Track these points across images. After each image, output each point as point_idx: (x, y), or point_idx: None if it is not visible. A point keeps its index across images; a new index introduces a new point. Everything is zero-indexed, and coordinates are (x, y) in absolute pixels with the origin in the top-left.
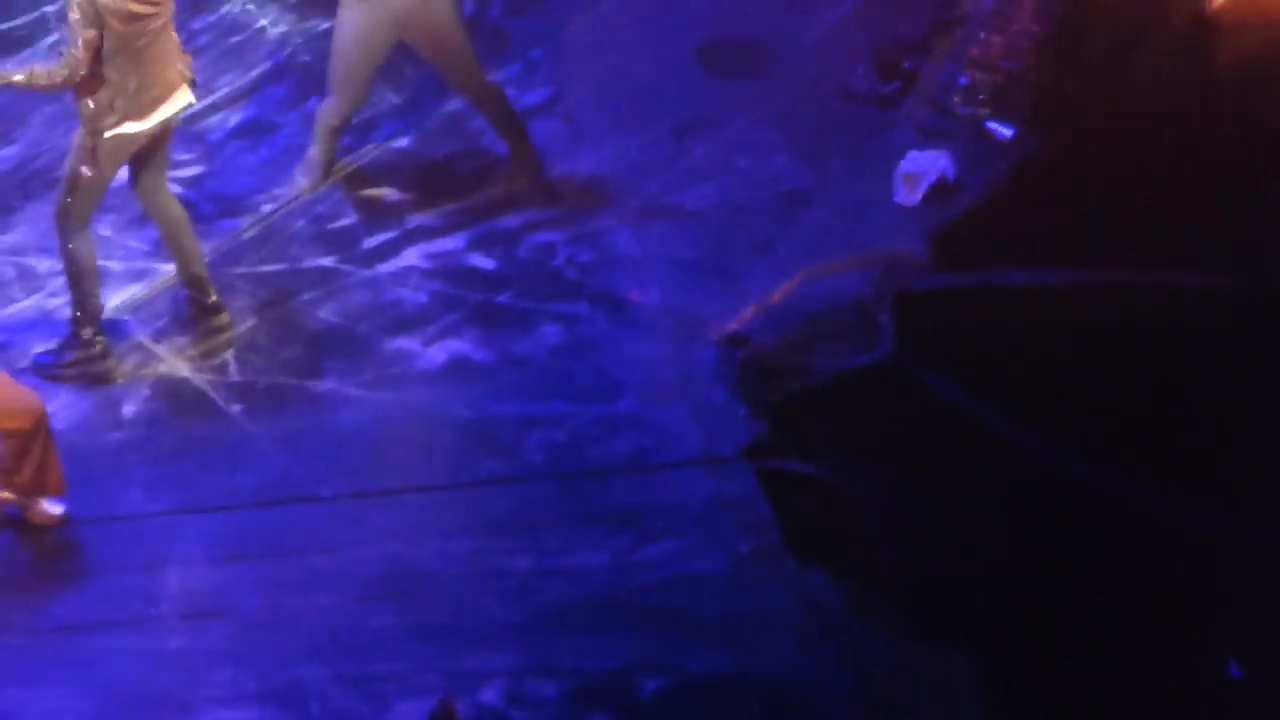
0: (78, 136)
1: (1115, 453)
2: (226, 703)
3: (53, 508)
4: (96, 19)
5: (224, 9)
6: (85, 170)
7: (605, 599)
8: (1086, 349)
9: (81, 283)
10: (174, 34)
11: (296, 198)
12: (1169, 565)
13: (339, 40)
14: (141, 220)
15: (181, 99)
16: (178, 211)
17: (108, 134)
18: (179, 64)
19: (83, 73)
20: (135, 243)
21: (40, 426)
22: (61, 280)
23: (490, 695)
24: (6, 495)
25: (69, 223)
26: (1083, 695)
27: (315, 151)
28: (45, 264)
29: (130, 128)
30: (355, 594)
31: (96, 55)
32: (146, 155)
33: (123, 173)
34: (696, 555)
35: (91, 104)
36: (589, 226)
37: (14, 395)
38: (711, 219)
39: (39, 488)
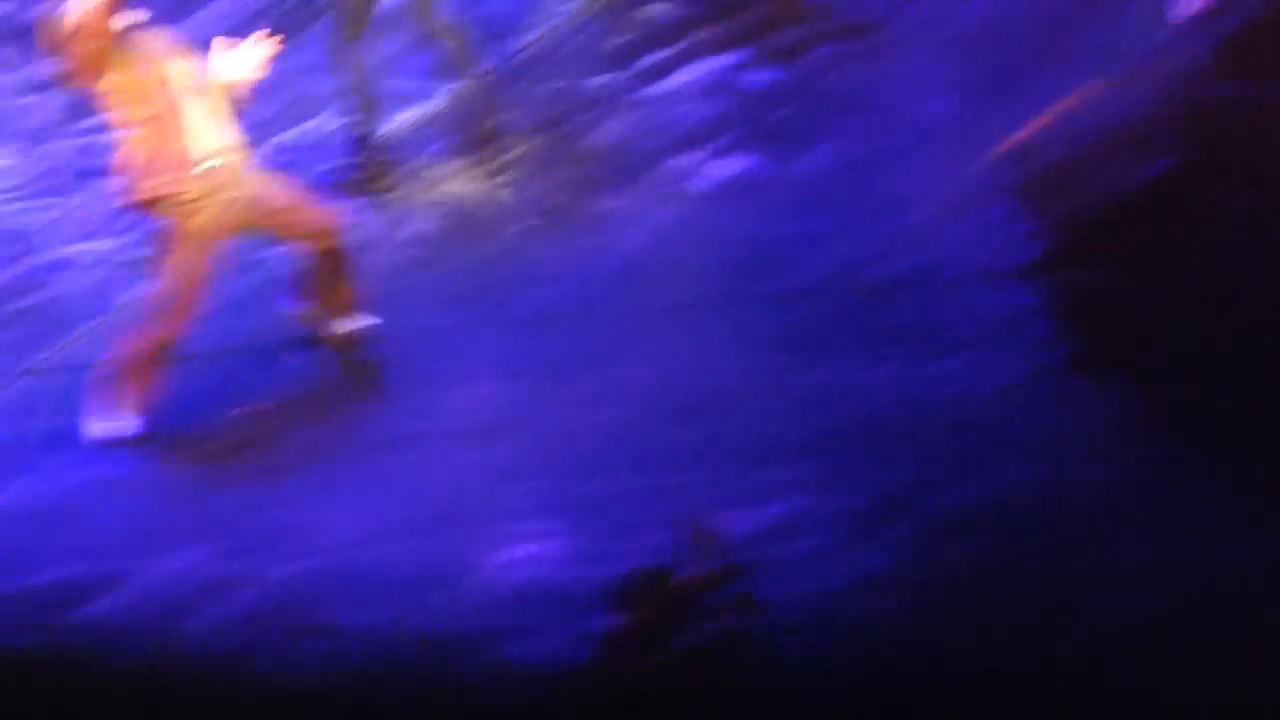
0: None
1: None
2: (522, 515)
3: (350, 325)
4: None
5: None
6: None
7: (892, 415)
8: None
9: (359, 105)
10: None
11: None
12: None
13: None
14: (424, 40)
15: None
16: (457, 35)
17: None
18: None
19: None
20: (417, 62)
21: (339, 245)
22: (343, 101)
23: (779, 509)
24: (309, 313)
25: (343, 43)
26: None
27: None
28: (326, 85)
29: None
30: (641, 410)
31: None
32: None
33: None
34: (983, 370)
35: None
36: (870, 41)
37: (316, 215)
38: (995, 32)
39: (337, 305)
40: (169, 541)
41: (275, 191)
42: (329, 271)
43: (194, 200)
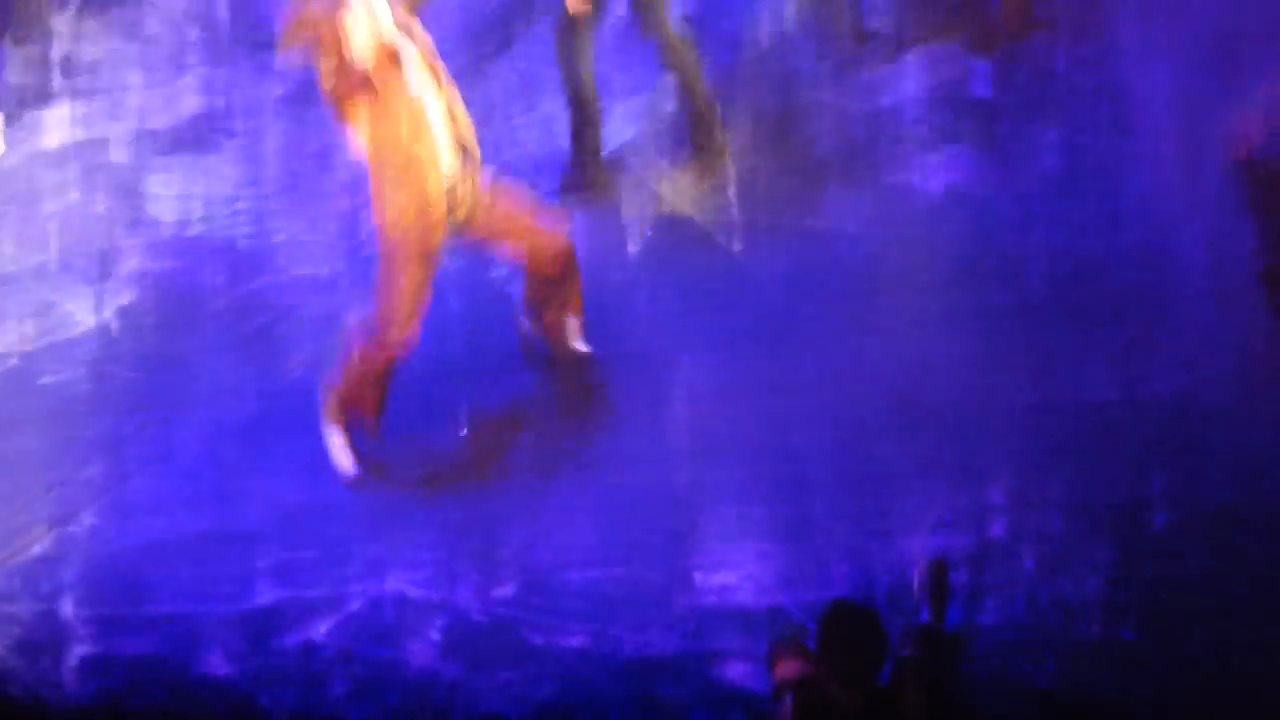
0: None
1: None
2: (732, 537)
3: (578, 344)
4: None
5: None
6: (573, 2)
7: (1113, 430)
8: None
9: (582, 111)
10: None
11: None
12: None
13: None
14: (648, 50)
15: None
16: (680, 45)
17: None
18: None
19: None
20: (642, 72)
21: (571, 265)
22: (566, 112)
23: (995, 528)
24: (537, 329)
25: (566, 50)
26: None
27: None
28: (553, 81)
29: None
30: (859, 427)
31: None
32: None
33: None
34: (1207, 388)
35: None
36: (1091, 48)
37: (549, 233)
38: (1226, 41)
39: (566, 322)
40: (387, 563)
41: (510, 209)
42: (560, 289)
43: (435, 220)
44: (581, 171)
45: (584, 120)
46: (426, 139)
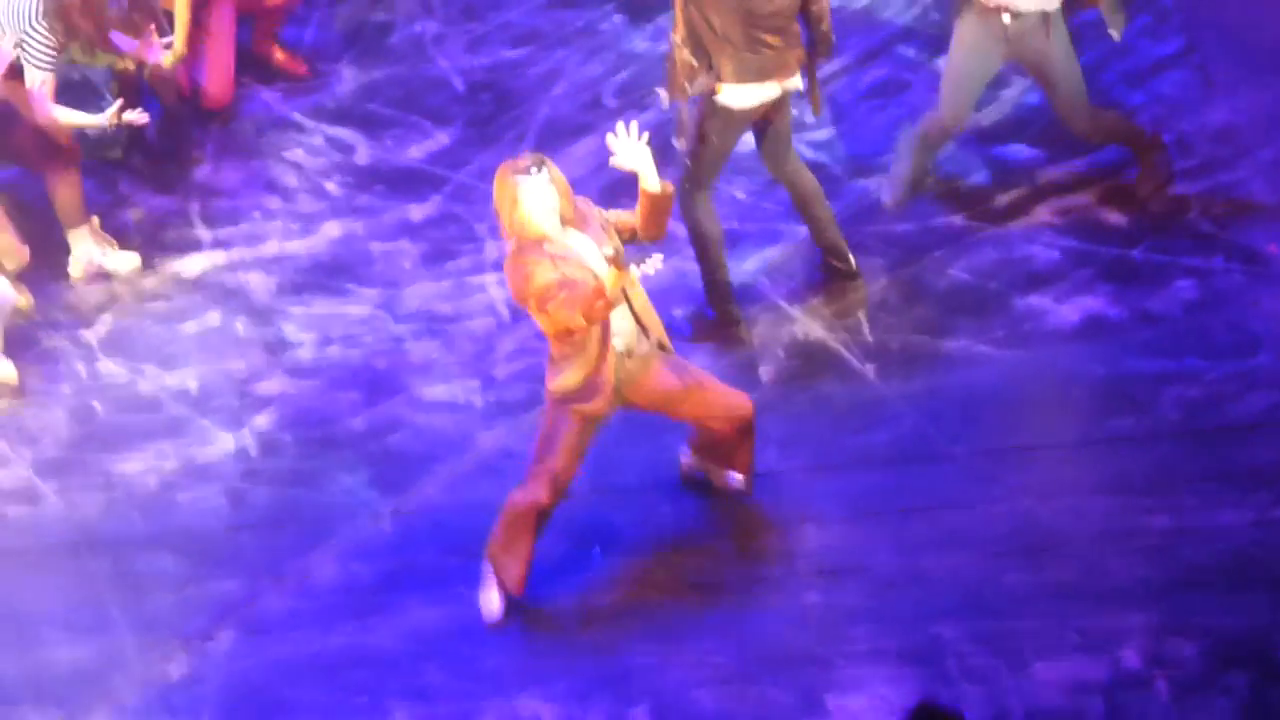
0: (685, 110)
1: None
2: (863, 659)
3: (734, 479)
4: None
5: None
6: (699, 144)
7: (1245, 557)
8: None
9: (708, 252)
10: (792, 22)
11: (892, 203)
12: None
13: (953, 51)
14: (774, 183)
15: (789, 83)
16: (808, 180)
17: (716, 104)
18: (791, 51)
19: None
20: (769, 205)
21: (748, 429)
22: (694, 246)
23: (1129, 655)
24: (698, 464)
25: (691, 193)
26: None
27: (902, 167)
28: (680, 229)
29: (733, 102)
30: (989, 551)
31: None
32: (765, 126)
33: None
34: None
35: (688, 71)
36: (1222, 178)
37: (723, 398)
38: None
39: (729, 464)
40: (519, 684)
41: (679, 379)
42: (732, 447)
43: (605, 395)
44: (715, 319)
45: (709, 266)
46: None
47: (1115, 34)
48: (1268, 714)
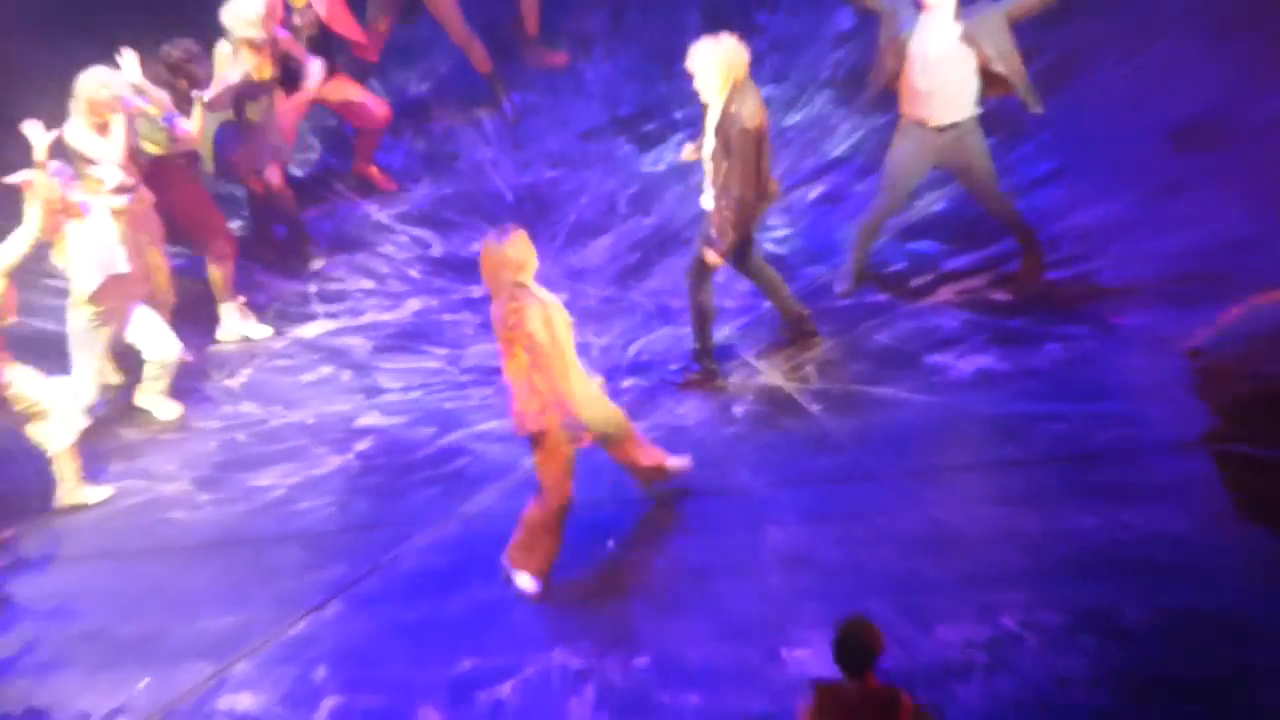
0: (706, 235)
1: None
2: (810, 625)
3: (661, 487)
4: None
5: (806, 112)
6: (711, 257)
7: (1097, 551)
8: None
9: (703, 325)
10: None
11: (843, 292)
12: None
13: (889, 158)
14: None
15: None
16: (770, 274)
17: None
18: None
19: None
20: (743, 286)
21: (667, 477)
22: (686, 316)
23: (1007, 621)
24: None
25: (697, 284)
26: None
27: (852, 259)
28: (677, 303)
29: (742, 234)
30: (908, 548)
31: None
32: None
33: None
34: (1170, 518)
35: (723, 220)
36: (1082, 268)
37: (652, 457)
38: (1176, 260)
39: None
40: (554, 642)
41: (628, 433)
42: (648, 478)
43: (569, 436)
44: (700, 371)
45: (702, 333)
46: (575, 381)
47: (1036, 109)
48: (1109, 665)
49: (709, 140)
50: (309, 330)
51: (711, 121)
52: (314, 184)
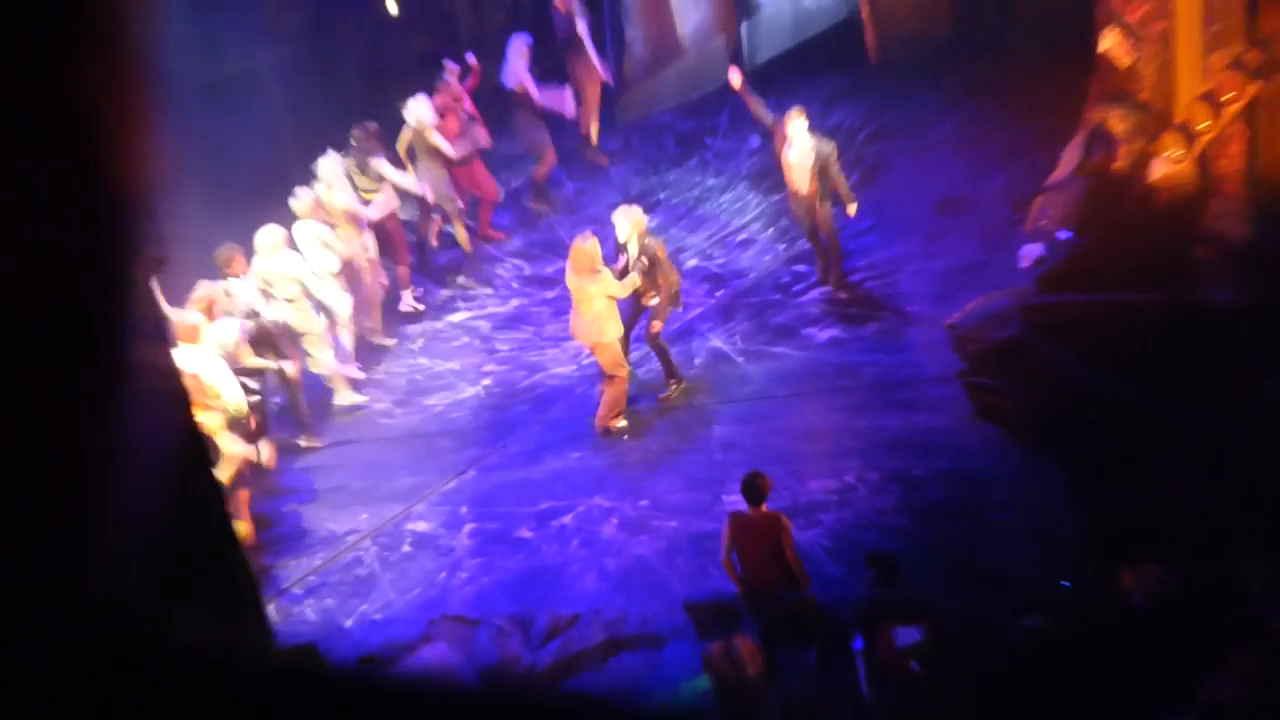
0: (652, 315)
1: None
2: (736, 483)
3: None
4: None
5: (732, 194)
6: (658, 327)
7: (899, 438)
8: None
9: (665, 358)
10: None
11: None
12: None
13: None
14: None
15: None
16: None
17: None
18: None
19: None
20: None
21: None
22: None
23: (849, 478)
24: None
25: (654, 342)
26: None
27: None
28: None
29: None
30: (792, 438)
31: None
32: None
33: None
34: (939, 419)
35: (665, 304)
36: (889, 280)
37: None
38: (940, 276)
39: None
40: (593, 492)
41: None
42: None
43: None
44: (672, 382)
45: (667, 363)
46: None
47: (850, 208)
48: (906, 502)
49: (633, 266)
50: (456, 317)
51: (631, 254)
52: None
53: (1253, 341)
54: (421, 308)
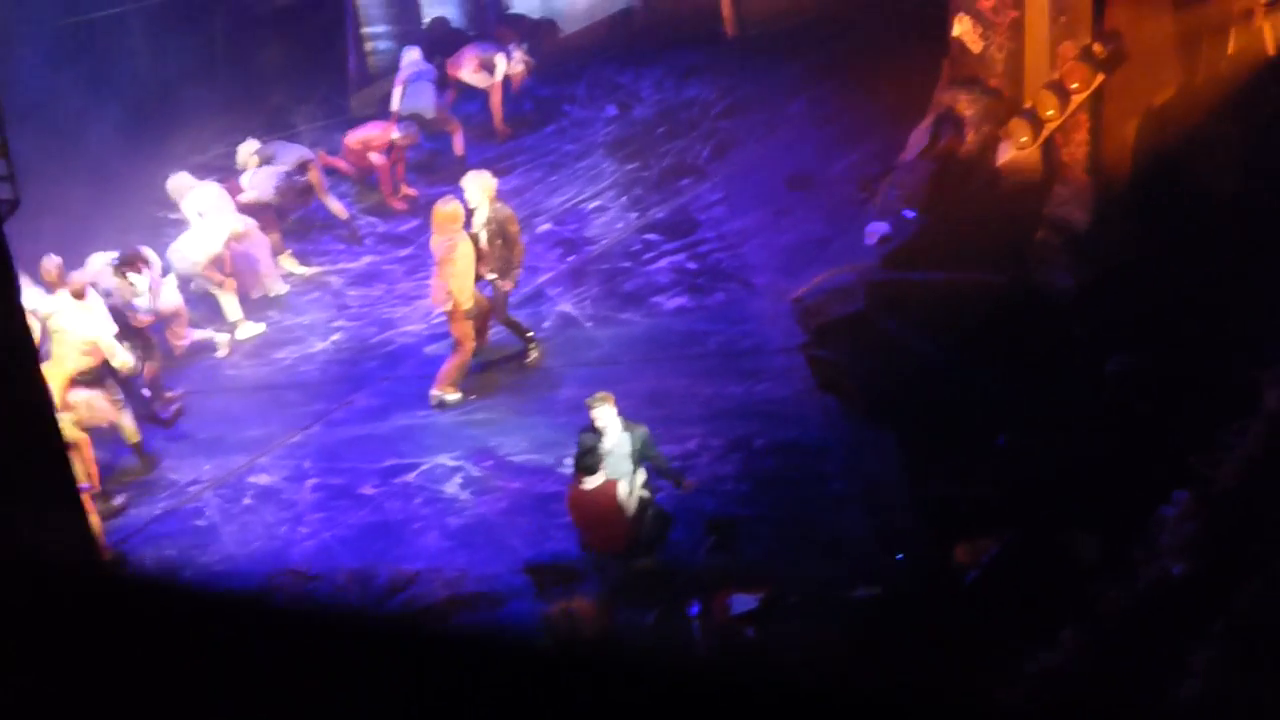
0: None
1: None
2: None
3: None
4: None
5: (589, 160)
6: (507, 288)
7: (741, 405)
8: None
9: (517, 328)
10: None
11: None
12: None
13: None
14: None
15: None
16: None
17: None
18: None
19: None
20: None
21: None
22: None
23: (693, 445)
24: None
25: (502, 313)
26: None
27: None
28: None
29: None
30: (641, 403)
31: None
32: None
33: None
34: (781, 389)
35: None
36: (737, 252)
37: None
38: (787, 251)
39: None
40: (437, 450)
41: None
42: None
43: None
44: (529, 342)
45: (520, 330)
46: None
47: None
48: (746, 468)
49: (481, 232)
50: (307, 271)
51: (479, 219)
52: None
53: (1091, 323)
54: (306, 270)
